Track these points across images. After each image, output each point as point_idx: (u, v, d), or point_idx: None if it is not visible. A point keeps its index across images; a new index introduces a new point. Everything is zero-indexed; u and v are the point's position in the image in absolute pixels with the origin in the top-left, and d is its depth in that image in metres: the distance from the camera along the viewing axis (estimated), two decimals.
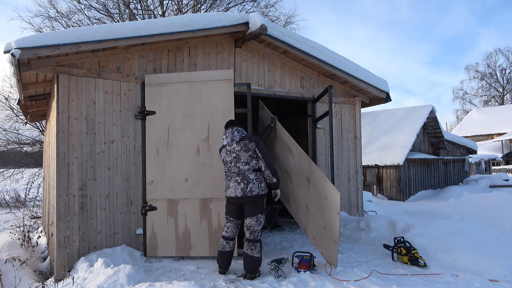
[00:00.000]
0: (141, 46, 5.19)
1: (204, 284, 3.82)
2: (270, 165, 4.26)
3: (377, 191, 14.65)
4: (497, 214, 8.02)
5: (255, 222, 4.19)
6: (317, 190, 4.50)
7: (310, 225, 4.79)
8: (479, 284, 3.92)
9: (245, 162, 4.20)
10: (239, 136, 4.33)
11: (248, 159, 4.21)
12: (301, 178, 4.81)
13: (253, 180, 4.19)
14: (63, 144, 4.71)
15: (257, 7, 17.98)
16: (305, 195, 4.79)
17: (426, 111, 15.33)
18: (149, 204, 5.14)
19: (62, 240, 4.62)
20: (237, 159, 4.24)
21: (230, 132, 4.37)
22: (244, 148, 4.23)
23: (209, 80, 5.18)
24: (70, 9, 15.61)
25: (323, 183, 4.35)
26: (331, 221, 4.26)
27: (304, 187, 4.77)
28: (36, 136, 14.51)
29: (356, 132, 7.20)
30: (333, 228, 4.20)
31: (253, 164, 4.22)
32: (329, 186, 4.26)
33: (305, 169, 4.71)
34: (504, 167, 25.42)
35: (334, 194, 4.15)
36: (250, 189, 4.16)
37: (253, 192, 4.16)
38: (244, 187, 4.17)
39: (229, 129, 4.43)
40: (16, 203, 12.52)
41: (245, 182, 4.18)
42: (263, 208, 4.27)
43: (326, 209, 4.33)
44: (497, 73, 44.81)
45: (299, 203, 5.00)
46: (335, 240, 4.17)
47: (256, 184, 4.20)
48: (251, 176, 4.20)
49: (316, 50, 6.24)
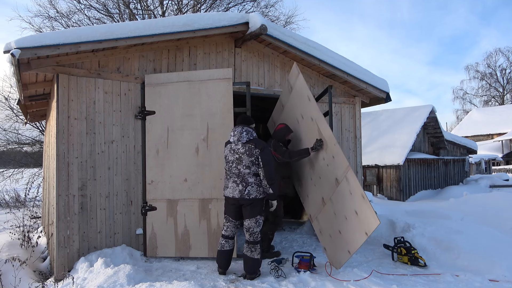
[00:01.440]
0: (141, 46, 5.19)
1: (204, 284, 3.82)
2: (269, 176, 4.14)
3: (377, 191, 14.65)
4: (497, 214, 8.02)
5: (254, 223, 4.17)
6: (344, 197, 4.19)
7: (321, 219, 4.68)
8: (479, 284, 3.92)
9: (246, 165, 4.15)
10: (247, 138, 4.21)
11: (250, 164, 4.15)
12: (327, 174, 4.51)
13: (252, 184, 4.15)
14: (63, 144, 4.71)
15: (257, 7, 17.99)
16: (325, 190, 4.55)
17: (426, 111, 15.33)
18: (149, 204, 5.14)
19: (62, 240, 4.62)
20: (239, 161, 4.18)
21: (239, 131, 4.26)
22: (248, 152, 4.15)
23: (208, 79, 5.17)
24: (70, 9, 15.64)
25: (360, 200, 3.97)
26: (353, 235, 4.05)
27: (328, 183, 4.49)
28: (36, 136, 14.52)
29: (356, 132, 7.19)
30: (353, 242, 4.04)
31: (254, 170, 4.17)
32: (368, 209, 3.84)
33: (336, 168, 4.35)
34: (504, 167, 25.42)
35: (372, 219, 3.81)
36: (248, 192, 4.12)
37: (251, 195, 4.13)
38: (242, 189, 4.13)
39: (239, 127, 4.30)
40: (16, 203, 12.52)
41: (244, 184, 4.14)
42: (262, 210, 4.24)
43: (352, 223, 4.09)
44: (497, 73, 44.85)
45: (312, 192, 4.85)
46: (349, 250, 4.09)
47: (254, 188, 4.15)
48: (251, 179, 4.15)
49: (316, 50, 6.23)
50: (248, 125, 4.37)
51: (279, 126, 5.21)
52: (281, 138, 5.11)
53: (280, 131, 5.13)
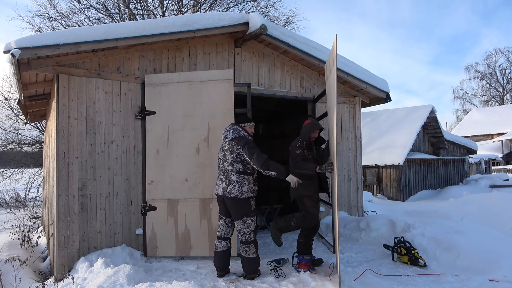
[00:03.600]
0: (141, 46, 5.18)
1: (204, 284, 3.81)
2: (260, 163, 4.01)
3: (377, 191, 14.65)
4: (497, 214, 8.02)
5: (242, 225, 4.14)
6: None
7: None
8: (479, 284, 3.92)
9: (229, 162, 4.17)
10: (233, 135, 4.25)
11: (232, 160, 4.15)
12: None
13: (234, 182, 4.12)
14: (63, 144, 4.71)
15: (257, 7, 17.99)
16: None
17: (426, 111, 15.34)
18: (149, 204, 5.14)
19: (62, 240, 4.62)
20: (224, 158, 4.24)
21: (227, 129, 4.35)
22: (230, 149, 4.19)
23: (209, 80, 5.17)
24: (70, 9, 15.63)
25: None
26: None
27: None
28: (36, 136, 14.52)
29: (356, 132, 7.20)
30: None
31: (237, 167, 4.14)
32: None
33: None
34: (504, 167, 25.42)
35: None
36: (230, 190, 4.10)
37: (232, 194, 4.09)
38: (225, 187, 4.14)
39: (229, 126, 4.40)
40: (16, 203, 12.53)
41: (227, 182, 4.15)
42: (249, 210, 4.16)
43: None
44: (497, 73, 44.83)
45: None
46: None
47: (236, 187, 4.10)
48: (233, 177, 4.13)
49: (316, 50, 6.24)
50: (239, 124, 4.39)
51: (304, 123, 4.61)
52: (305, 136, 4.49)
53: (304, 127, 4.53)
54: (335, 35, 3.83)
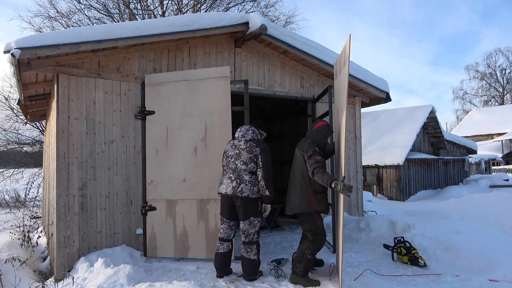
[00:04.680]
0: (141, 46, 5.19)
1: (204, 284, 3.82)
2: (267, 177, 4.07)
3: (377, 191, 14.65)
4: (497, 214, 8.02)
5: (248, 225, 4.11)
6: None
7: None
8: (479, 284, 3.92)
9: (244, 161, 4.12)
10: (251, 136, 4.23)
11: (248, 160, 4.12)
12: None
13: (246, 182, 4.08)
14: (63, 144, 4.71)
15: (257, 7, 18.00)
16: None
17: (426, 111, 15.34)
18: (149, 204, 5.14)
19: (62, 240, 4.62)
20: (237, 156, 4.17)
21: (246, 128, 4.30)
22: (249, 149, 4.14)
23: (206, 78, 5.12)
24: (70, 9, 15.65)
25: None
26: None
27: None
28: (36, 136, 14.53)
29: (356, 132, 7.20)
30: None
31: (251, 167, 4.11)
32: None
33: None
34: (504, 167, 25.41)
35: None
36: (241, 189, 4.05)
37: (243, 193, 4.05)
38: (236, 186, 4.07)
39: (247, 125, 4.36)
40: (16, 203, 12.53)
41: (238, 181, 4.08)
42: (257, 211, 4.16)
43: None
44: (497, 73, 44.84)
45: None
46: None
47: (248, 186, 4.07)
48: (246, 177, 4.09)
49: (316, 50, 6.24)
50: (257, 128, 4.42)
51: (319, 124, 4.11)
52: (321, 141, 4.04)
53: (319, 131, 4.06)
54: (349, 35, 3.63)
